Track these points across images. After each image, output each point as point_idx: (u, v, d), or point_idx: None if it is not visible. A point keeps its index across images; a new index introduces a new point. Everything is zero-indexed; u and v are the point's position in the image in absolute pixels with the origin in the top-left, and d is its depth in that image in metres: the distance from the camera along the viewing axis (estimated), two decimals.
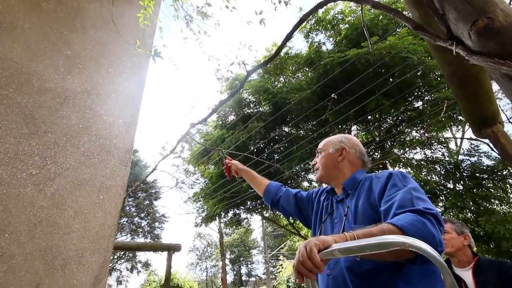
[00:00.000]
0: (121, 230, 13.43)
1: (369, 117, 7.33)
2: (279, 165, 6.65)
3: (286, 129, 8.54)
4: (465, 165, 7.18)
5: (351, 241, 0.66)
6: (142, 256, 15.30)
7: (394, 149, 7.84)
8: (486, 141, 6.15)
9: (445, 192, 7.09)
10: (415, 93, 6.84)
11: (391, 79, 6.20)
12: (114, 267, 14.43)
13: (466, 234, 1.67)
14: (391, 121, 7.75)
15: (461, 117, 6.55)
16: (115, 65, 1.77)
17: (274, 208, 1.49)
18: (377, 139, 7.87)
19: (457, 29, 0.80)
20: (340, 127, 7.36)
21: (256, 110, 8.32)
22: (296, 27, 1.48)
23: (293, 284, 15.71)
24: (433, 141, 7.83)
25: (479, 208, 6.24)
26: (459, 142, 9.17)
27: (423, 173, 7.83)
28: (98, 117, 1.57)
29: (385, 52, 5.69)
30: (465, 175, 6.93)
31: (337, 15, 7.35)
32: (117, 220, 1.56)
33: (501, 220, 5.75)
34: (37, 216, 1.20)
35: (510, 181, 6.62)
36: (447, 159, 7.71)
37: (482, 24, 0.71)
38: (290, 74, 8.30)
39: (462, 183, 6.92)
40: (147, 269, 15.01)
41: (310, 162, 1.37)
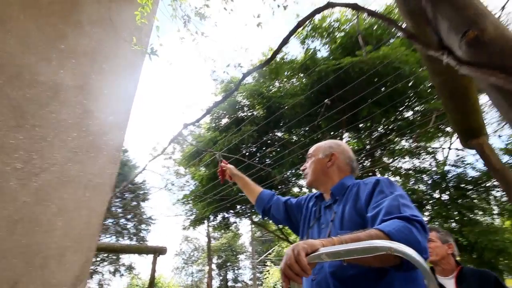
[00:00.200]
0: (106, 231, 13.08)
1: (361, 125, 7.46)
2: (270, 169, 6.66)
3: (278, 134, 8.58)
4: (451, 175, 7.36)
5: (339, 245, 0.66)
6: (126, 258, 14.93)
7: (383, 158, 7.98)
8: (472, 152, 6.32)
9: (431, 201, 7.23)
10: (406, 103, 7.01)
11: (383, 88, 6.34)
12: (96, 270, 14.00)
13: (450, 243, 1.69)
14: (382, 130, 7.90)
15: (449, 129, 6.73)
16: (110, 62, 1.75)
17: (265, 216, 1.49)
18: (368, 147, 8.00)
19: (448, 39, 0.83)
20: (332, 133, 7.45)
21: (249, 113, 8.33)
22: (293, 31, 1.50)
23: None
24: (421, 151, 8.00)
25: (463, 218, 6.39)
26: (446, 152, 9.42)
27: (411, 182, 7.98)
28: (89, 113, 1.54)
29: (378, 61, 5.83)
30: (451, 185, 7.10)
31: (333, 23, 7.50)
32: (102, 219, 1.52)
33: (484, 231, 5.88)
34: (19, 212, 1.16)
35: (493, 192, 6.80)
36: (434, 169, 7.89)
37: (472, 35, 0.74)
38: (285, 79, 8.38)
39: (447, 193, 7.08)
40: (130, 272, 14.63)
41: (301, 167, 1.38)
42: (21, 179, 1.19)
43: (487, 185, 6.65)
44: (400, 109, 7.19)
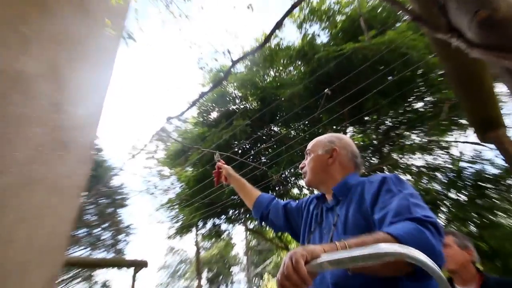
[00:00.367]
0: (77, 242, 12.92)
1: (366, 117, 7.52)
2: (266, 168, 6.68)
3: (275, 128, 8.60)
4: (468, 173, 7.45)
5: (342, 251, 0.65)
6: (101, 274, 14.77)
7: (392, 154, 8.07)
8: (491, 146, 6.41)
9: (446, 202, 7.34)
10: (415, 93, 7.09)
11: (389, 77, 6.40)
12: None
13: (469, 248, 1.67)
14: (390, 123, 7.99)
15: (464, 121, 6.83)
16: (80, 48, 1.72)
17: (263, 222, 1.49)
18: (375, 142, 8.08)
19: (457, 20, 0.85)
20: (334, 127, 7.51)
21: (242, 106, 8.32)
22: (287, 13, 1.51)
23: None
24: (434, 146, 8.11)
25: (482, 220, 6.44)
26: (461, 147, 9.56)
27: (424, 181, 8.08)
28: (54, 105, 1.52)
29: (384, 47, 5.87)
30: (468, 184, 7.17)
31: (333, 6, 7.51)
32: (72, 228, 1.51)
33: (508, 234, 5.84)
34: None
35: None
36: (448, 166, 8.00)
37: (483, 15, 0.75)
38: (280, 67, 8.38)
39: (464, 192, 7.15)
40: None
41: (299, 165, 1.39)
42: None
43: (510, 183, 6.72)
44: (409, 100, 7.27)
